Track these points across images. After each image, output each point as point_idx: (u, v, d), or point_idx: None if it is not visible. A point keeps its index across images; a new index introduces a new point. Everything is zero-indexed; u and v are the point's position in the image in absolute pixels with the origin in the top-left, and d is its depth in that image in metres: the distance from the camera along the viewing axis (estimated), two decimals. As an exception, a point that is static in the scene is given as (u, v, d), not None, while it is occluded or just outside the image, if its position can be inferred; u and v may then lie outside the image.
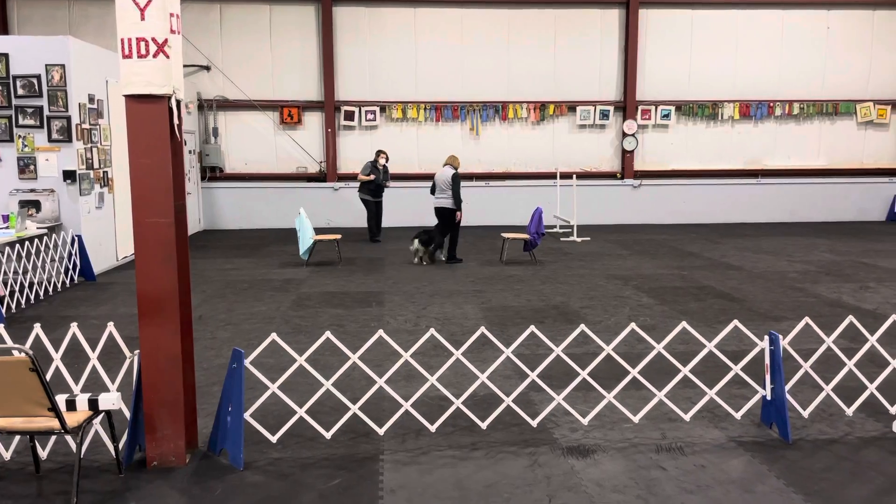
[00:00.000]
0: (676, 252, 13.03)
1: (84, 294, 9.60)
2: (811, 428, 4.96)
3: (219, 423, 4.56)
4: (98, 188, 11.14)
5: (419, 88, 17.03)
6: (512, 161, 17.41)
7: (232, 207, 16.99)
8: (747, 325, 7.30)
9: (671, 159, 17.72)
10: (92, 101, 10.88)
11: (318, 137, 17.07)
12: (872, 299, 9.01)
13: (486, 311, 8.48)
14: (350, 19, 16.76)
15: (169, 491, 4.11)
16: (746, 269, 11.17)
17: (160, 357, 4.34)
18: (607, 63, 17.31)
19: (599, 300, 9.05)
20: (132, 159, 4.29)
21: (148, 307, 4.32)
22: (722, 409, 5.18)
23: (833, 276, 10.62)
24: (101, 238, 11.24)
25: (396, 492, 4.09)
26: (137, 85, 4.20)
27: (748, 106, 17.53)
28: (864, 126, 17.96)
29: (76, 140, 10.42)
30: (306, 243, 11.54)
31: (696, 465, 4.40)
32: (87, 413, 4.07)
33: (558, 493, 4.07)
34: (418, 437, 4.81)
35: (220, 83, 16.67)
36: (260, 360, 6.07)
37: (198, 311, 8.42)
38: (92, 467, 4.38)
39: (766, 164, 17.87)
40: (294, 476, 4.29)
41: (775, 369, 4.83)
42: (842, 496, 4.03)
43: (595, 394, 5.30)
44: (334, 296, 9.40)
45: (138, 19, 4.13)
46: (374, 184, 14.16)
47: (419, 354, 6.18)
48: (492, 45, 17.00)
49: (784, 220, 17.86)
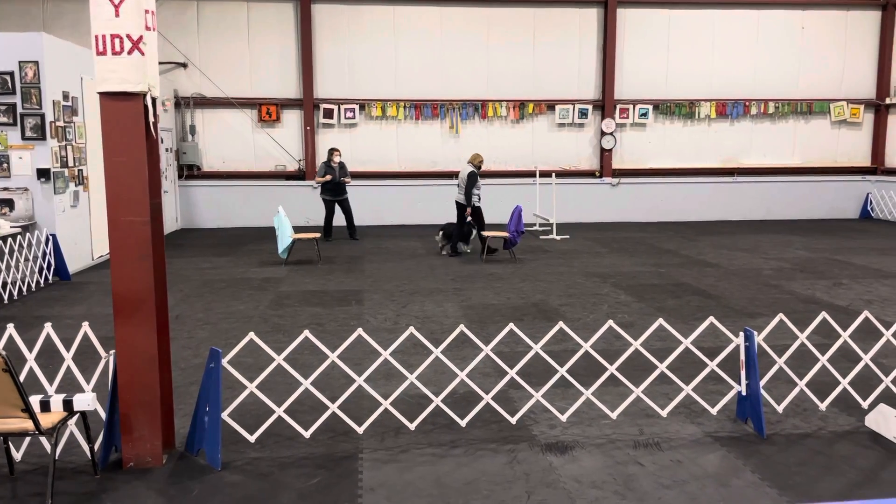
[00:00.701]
0: (654, 250, 13.14)
1: (59, 294, 9.48)
2: (785, 423, 5.03)
3: (196, 423, 4.53)
4: (73, 187, 11.00)
5: (399, 86, 17.00)
6: (491, 159, 17.41)
7: (210, 206, 16.86)
8: (723, 322, 7.38)
9: (649, 158, 17.86)
10: (66, 99, 10.74)
11: (297, 135, 16.99)
12: (845, 295, 9.15)
13: (466, 309, 8.50)
14: (329, 17, 16.69)
15: (146, 492, 4.08)
16: (723, 267, 11.29)
17: (136, 357, 4.30)
18: (586, 62, 17.40)
19: (578, 298, 9.11)
20: (107, 157, 4.25)
21: (123, 307, 4.28)
22: (698, 405, 5.23)
23: (807, 272, 10.77)
24: (76, 237, 11.10)
25: (376, 490, 4.09)
26: (112, 82, 4.15)
27: (724, 105, 17.71)
28: (837, 125, 18.22)
29: (50, 138, 10.28)
30: (285, 242, 11.48)
31: (672, 461, 4.45)
32: (62, 414, 4.02)
33: (537, 489, 4.10)
34: (398, 436, 4.81)
35: (197, 80, 16.53)
36: (238, 359, 6.03)
37: (175, 311, 8.35)
38: (67, 469, 4.33)
39: (742, 162, 18.07)
40: (273, 475, 4.27)
41: (750, 365, 4.89)
42: (816, 489, 4.09)
43: (573, 391, 5.34)
44: (314, 294, 9.37)
45: (112, 16, 4.09)
46: (332, 183, 13.98)
47: (399, 353, 6.18)
48: (471, 43, 17.02)
49: (759, 217, 18.07)
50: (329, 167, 13.93)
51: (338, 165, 13.99)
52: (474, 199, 12.30)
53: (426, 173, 17.20)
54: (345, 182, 14.17)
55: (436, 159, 17.26)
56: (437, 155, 17.23)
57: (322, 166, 14.06)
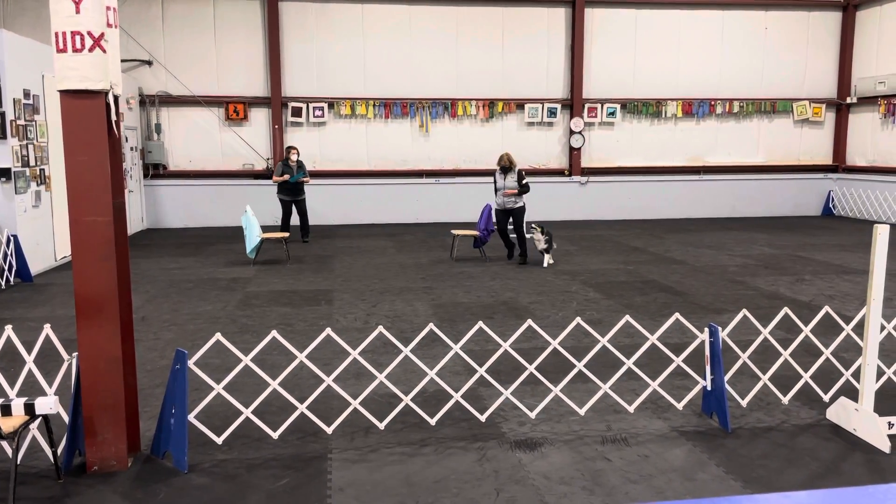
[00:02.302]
0: (622, 247, 13.27)
1: (20, 295, 9.29)
2: (749, 416, 5.12)
3: (162, 425, 4.47)
4: (34, 186, 10.78)
5: (368, 85, 16.94)
6: (462, 158, 17.47)
7: (176, 205, 16.63)
8: (689, 318, 7.48)
9: (617, 156, 18.03)
10: (27, 97, 10.51)
11: (265, 134, 16.84)
12: (808, 291, 9.34)
13: (436, 308, 8.50)
14: (296, 15, 16.56)
15: (111, 496, 4.01)
16: (689, 264, 11.45)
17: (99, 359, 4.23)
18: (554, 61, 17.51)
19: (547, 295, 9.16)
20: (68, 156, 4.17)
21: (86, 308, 4.21)
22: (665, 401, 5.30)
23: (771, 269, 10.97)
24: (39, 238, 10.88)
25: (345, 490, 4.07)
26: (73, 80, 4.08)
27: (690, 104, 17.94)
28: (800, 124, 18.57)
29: (11, 137, 10.06)
30: (253, 241, 11.37)
31: (639, 456, 4.50)
32: (24, 418, 3.95)
33: (506, 486, 4.12)
34: (367, 435, 4.80)
35: (162, 78, 16.29)
36: (205, 360, 5.96)
37: (140, 312, 8.23)
38: (30, 473, 4.25)
39: (707, 160, 18.33)
40: (240, 477, 4.24)
41: (715, 360, 4.97)
42: (779, 481, 4.17)
43: (542, 388, 5.37)
44: (282, 294, 9.30)
45: (73, 12, 4.01)
46: (289, 183, 13.56)
47: (368, 352, 6.16)
48: (440, 42, 17.02)
49: (725, 215, 18.35)
50: (286, 166, 13.63)
51: (295, 164, 13.64)
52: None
53: (396, 172, 17.17)
54: (303, 182, 13.85)
55: (406, 158, 17.23)
56: (407, 154, 17.20)
57: (279, 165, 13.76)
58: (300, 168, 13.64)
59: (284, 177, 13.45)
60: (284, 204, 13.78)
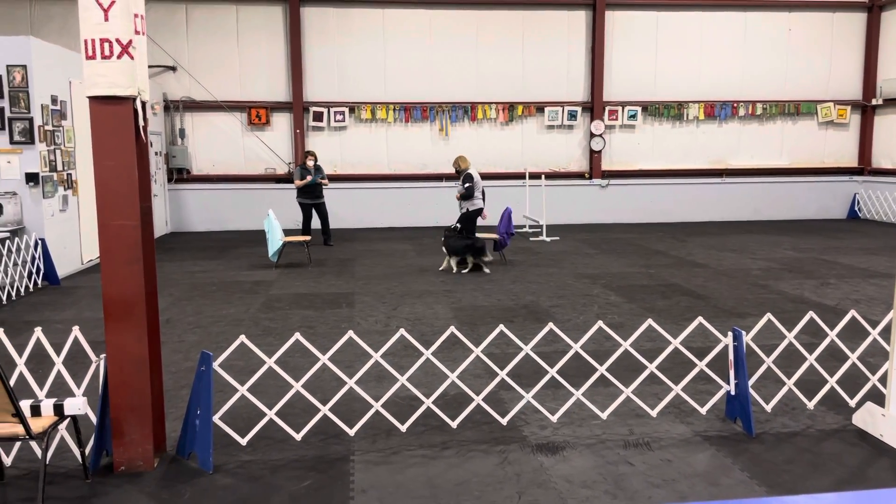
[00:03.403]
0: (644, 250, 13.20)
1: (48, 298, 9.44)
2: (774, 421, 5.07)
3: (187, 426, 4.53)
4: (62, 191, 10.95)
5: (388, 89, 17.01)
6: (481, 161, 17.46)
7: (199, 209, 16.81)
8: (712, 322, 7.43)
9: (638, 159, 17.95)
10: (55, 103, 10.69)
11: (287, 138, 16.97)
12: (833, 295, 9.23)
13: (457, 311, 8.51)
14: (318, 20, 16.69)
15: (137, 496, 4.07)
16: (712, 267, 11.36)
17: (127, 361, 4.29)
18: (574, 64, 17.47)
19: (568, 299, 9.14)
20: (97, 161, 4.25)
21: (114, 310, 4.27)
22: (687, 405, 5.27)
23: (795, 272, 10.85)
24: (66, 241, 11.05)
25: (367, 492, 4.10)
26: (101, 86, 4.15)
27: (712, 106, 17.82)
28: (824, 126, 18.37)
29: (39, 142, 10.24)
30: (275, 245, 11.46)
31: (662, 460, 4.48)
32: (53, 418, 4.02)
33: (528, 489, 4.12)
34: (389, 437, 4.82)
35: (186, 84, 16.49)
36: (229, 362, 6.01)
37: (166, 315, 8.33)
38: (58, 473, 4.32)
39: (730, 163, 18.18)
40: (264, 478, 4.28)
41: (739, 365, 4.93)
42: (804, 487, 4.13)
43: (564, 391, 5.36)
44: (304, 297, 9.36)
45: (102, 20, 4.09)
46: (309, 187, 13.66)
47: (390, 355, 6.18)
48: (460, 46, 17.06)
49: (748, 218, 18.18)
50: (304, 170, 13.80)
51: (314, 169, 13.82)
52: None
53: (416, 176, 17.22)
54: (322, 185, 13.99)
55: (425, 161, 17.28)
56: (427, 157, 17.25)
57: (298, 170, 13.89)
58: (318, 171, 13.77)
59: (307, 179, 13.57)
60: (305, 208, 13.90)
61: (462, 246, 11.07)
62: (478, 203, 11.37)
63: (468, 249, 11.06)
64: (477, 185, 11.34)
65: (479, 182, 11.42)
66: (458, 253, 11.09)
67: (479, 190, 11.38)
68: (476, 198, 11.35)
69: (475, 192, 11.31)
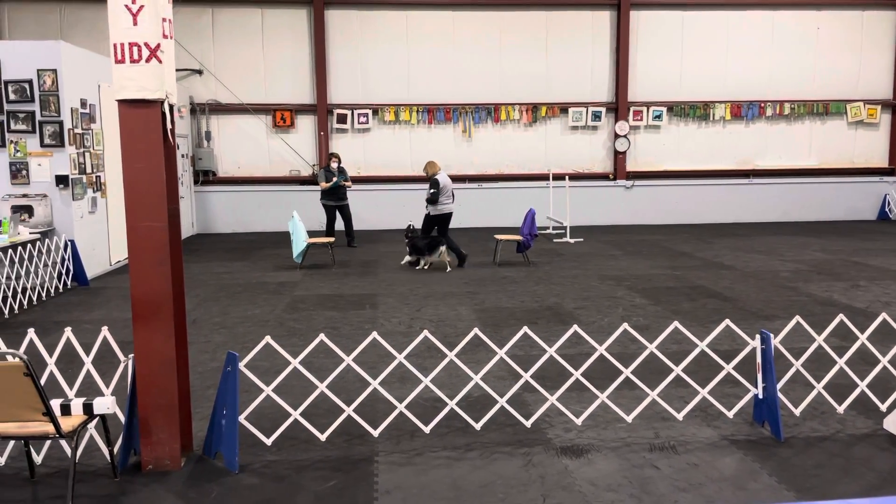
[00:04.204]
0: (669, 252, 13.08)
1: (77, 299, 9.58)
2: (803, 426, 5.00)
3: (213, 426, 4.57)
4: (91, 193, 11.12)
5: (411, 91, 17.06)
6: (504, 163, 17.46)
7: (225, 211, 16.98)
8: (739, 325, 7.34)
9: (663, 160, 17.80)
10: (84, 106, 10.86)
11: (311, 140, 17.08)
12: (863, 297, 9.08)
13: (480, 313, 8.50)
14: (342, 22, 16.78)
15: (164, 494, 4.12)
16: (739, 269, 11.23)
17: (155, 361, 4.34)
18: (599, 64, 17.38)
19: (593, 301, 9.09)
20: (125, 164, 4.30)
21: (142, 311, 4.33)
22: (714, 408, 5.21)
23: (824, 274, 10.69)
24: (95, 243, 11.21)
25: (392, 493, 4.10)
26: (130, 90, 4.20)
27: (739, 106, 17.62)
28: (854, 126, 18.08)
29: (68, 145, 10.40)
30: (300, 246, 11.54)
31: (689, 464, 4.43)
32: (82, 417, 4.07)
33: (553, 492, 4.10)
34: (413, 439, 4.82)
35: (212, 87, 16.66)
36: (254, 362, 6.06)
37: (192, 315, 8.41)
38: (87, 472, 4.38)
39: (757, 164, 17.97)
40: (289, 478, 4.30)
41: (767, 368, 4.87)
42: (833, 492, 4.07)
43: (589, 394, 5.33)
44: (328, 298, 9.41)
45: (131, 24, 4.14)
46: (332, 187, 13.71)
47: (413, 356, 6.19)
48: (483, 47, 17.05)
49: (776, 219, 17.95)
50: (328, 172, 13.87)
51: (337, 171, 13.87)
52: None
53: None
54: (346, 186, 14.06)
55: (449, 163, 17.24)
56: (450, 159, 17.25)
57: (322, 173, 13.97)
58: (341, 173, 13.84)
59: (333, 180, 13.65)
60: (329, 209, 13.98)
61: (423, 245, 11.58)
62: (443, 208, 11.75)
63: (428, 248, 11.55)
64: (444, 189, 11.67)
65: (448, 186, 11.78)
66: (419, 252, 11.62)
67: (446, 194, 11.74)
68: (442, 203, 11.72)
69: (440, 197, 11.67)
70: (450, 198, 11.79)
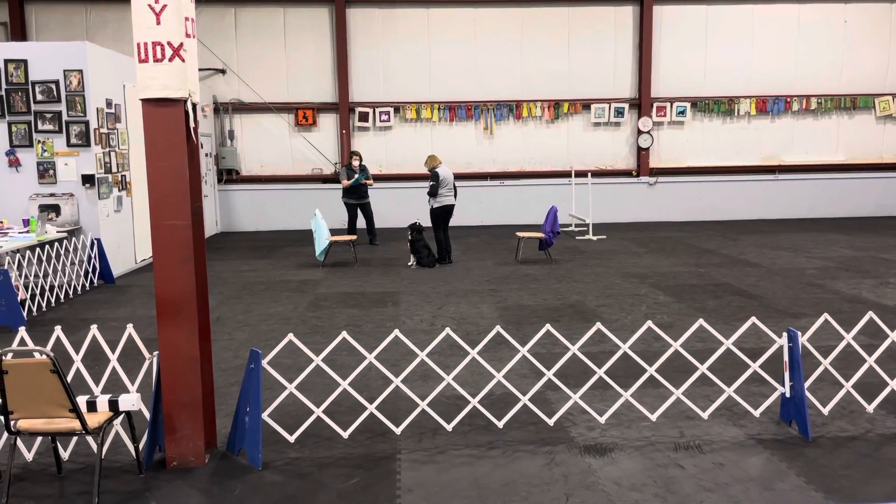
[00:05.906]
0: (693, 249, 12.95)
1: (103, 297, 9.70)
2: (831, 425, 4.91)
3: (237, 423, 4.60)
4: (116, 192, 11.25)
5: (433, 89, 17.04)
6: (526, 160, 17.38)
7: (248, 209, 17.10)
8: (765, 322, 7.24)
9: (687, 156, 17.61)
10: (109, 106, 10.99)
11: (333, 139, 17.14)
12: (893, 295, 8.91)
13: (502, 311, 8.47)
14: (363, 21, 16.81)
15: (189, 491, 4.15)
16: (764, 266, 11.08)
17: (179, 358, 4.38)
18: (621, 60, 17.24)
19: (616, 298, 9.02)
20: (149, 162, 4.34)
21: (166, 309, 4.36)
22: (740, 407, 5.14)
23: (852, 271, 10.51)
24: (120, 241, 11.34)
25: (414, 490, 4.10)
26: (154, 89, 4.24)
27: (765, 101, 17.38)
28: (882, 120, 17.75)
29: (94, 144, 10.53)
30: (322, 244, 11.58)
31: (714, 463, 4.38)
32: (108, 414, 4.12)
33: (576, 491, 4.07)
34: (435, 437, 4.82)
35: (235, 86, 16.78)
36: (277, 360, 6.10)
37: (216, 313, 8.48)
38: (113, 468, 4.43)
39: (783, 159, 17.71)
40: (312, 475, 4.31)
41: (794, 366, 4.79)
42: (863, 493, 3.99)
43: (612, 392, 5.28)
44: (350, 296, 9.43)
45: (154, 23, 4.17)
46: (353, 185, 13.74)
47: (435, 354, 6.19)
48: (505, 44, 16.99)
49: (802, 216, 17.69)
50: (350, 170, 13.91)
51: (359, 169, 13.90)
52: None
53: (461, 174, 17.16)
54: (367, 184, 14.07)
55: (470, 160, 17.26)
56: (472, 156, 17.23)
57: (344, 171, 14.02)
58: (363, 171, 13.87)
59: (354, 177, 13.69)
60: (350, 207, 14.03)
61: (422, 246, 11.61)
62: (443, 200, 11.77)
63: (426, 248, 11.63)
64: (443, 182, 11.71)
65: (449, 179, 11.80)
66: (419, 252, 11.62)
67: (447, 187, 11.75)
68: (442, 195, 11.74)
69: (440, 190, 11.70)
70: (451, 191, 11.82)
